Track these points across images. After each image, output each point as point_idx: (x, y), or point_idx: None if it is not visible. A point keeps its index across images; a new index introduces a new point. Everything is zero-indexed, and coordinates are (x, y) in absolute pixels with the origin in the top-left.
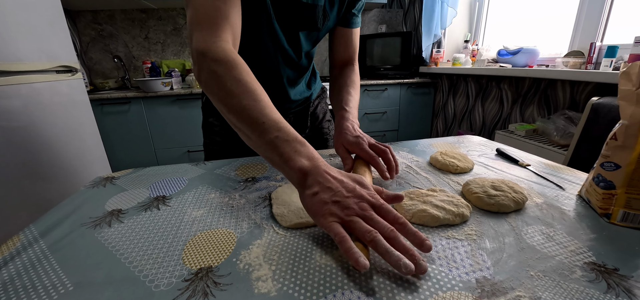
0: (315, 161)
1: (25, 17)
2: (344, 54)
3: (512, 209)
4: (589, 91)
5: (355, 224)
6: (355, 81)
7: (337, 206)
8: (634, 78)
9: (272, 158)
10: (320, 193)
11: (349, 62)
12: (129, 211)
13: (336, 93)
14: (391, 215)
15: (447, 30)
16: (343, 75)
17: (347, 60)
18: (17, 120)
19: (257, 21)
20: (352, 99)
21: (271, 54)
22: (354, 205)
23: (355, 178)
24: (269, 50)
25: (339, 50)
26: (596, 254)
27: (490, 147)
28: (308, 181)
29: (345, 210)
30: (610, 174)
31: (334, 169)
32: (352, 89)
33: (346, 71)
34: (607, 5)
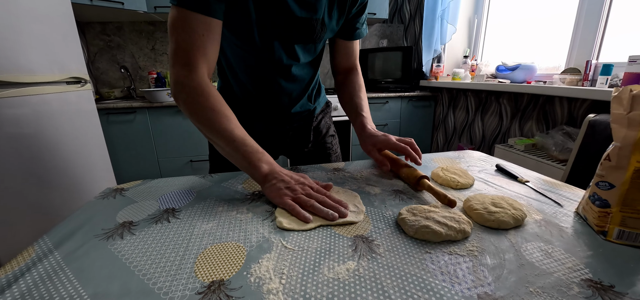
0: (272, 166)
1: (40, 29)
2: (346, 62)
3: (512, 226)
4: (586, 107)
5: (300, 198)
6: (362, 85)
7: (289, 190)
8: (624, 102)
9: (242, 164)
10: (277, 183)
11: (353, 68)
12: (140, 223)
13: (348, 100)
14: (321, 193)
15: (446, 46)
16: (350, 81)
17: (351, 66)
18: (27, 127)
19: (250, 36)
20: (365, 104)
21: (267, 67)
22: (299, 188)
23: (299, 175)
24: (265, 64)
25: (341, 60)
26: (593, 271)
27: (490, 163)
28: (268, 178)
29: (294, 192)
30: (605, 193)
31: (285, 170)
32: (362, 93)
33: (352, 77)
34: (601, 24)
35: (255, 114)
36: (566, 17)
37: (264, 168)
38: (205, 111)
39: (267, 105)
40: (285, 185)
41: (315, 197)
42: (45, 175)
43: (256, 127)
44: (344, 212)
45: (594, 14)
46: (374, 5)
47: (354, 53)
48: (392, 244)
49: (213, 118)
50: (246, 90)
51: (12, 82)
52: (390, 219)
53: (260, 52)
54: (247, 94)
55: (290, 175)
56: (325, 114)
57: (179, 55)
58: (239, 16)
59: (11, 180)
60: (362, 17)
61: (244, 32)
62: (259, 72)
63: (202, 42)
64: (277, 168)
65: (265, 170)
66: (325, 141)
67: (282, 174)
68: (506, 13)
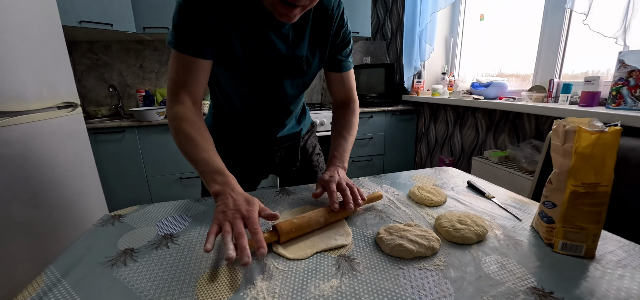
0: (225, 186)
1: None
2: (340, 94)
3: (475, 241)
4: (550, 123)
5: (224, 225)
6: (351, 121)
7: (222, 214)
8: (560, 135)
9: (204, 183)
10: (219, 206)
11: (347, 101)
12: (141, 250)
13: (333, 136)
14: (253, 225)
15: (426, 63)
16: (341, 117)
17: (345, 99)
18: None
19: (239, 71)
20: (344, 143)
21: (257, 97)
22: (230, 214)
23: (248, 199)
24: (255, 95)
25: (335, 92)
26: (538, 279)
27: (463, 179)
28: (217, 199)
29: (224, 216)
30: (550, 210)
31: (237, 192)
32: (347, 132)
33: (344, 112)
34: (561, 47)
35: (247, 139)
36: (532, 39)
37: (215, 188)
38: (179, 134)
39: (257, 130)
40: (222, 209)
41: (235, 229)
42: (33, 196)
43: (248, 150)
44: (245, 260)
45: (554, 38)
46: (356, 24)
47: (347, 85)
48: (370, 261)
49: (184, 141)
50: (238, 116)
51: (3, 112)
52: (370, 238)
53: (250, 84)
54: (239, 120)
55: (235, 199)
56: (311, 134)
57: (170, 89)
58: (227, 54)
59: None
60: (345, 50)
61: (234, 68)
62: (249, 101)
63: (187, 78)
64: (228, 189)
65: (216, 190)
66: (311, 159)
67: (229, 198)
68: (479, 32)
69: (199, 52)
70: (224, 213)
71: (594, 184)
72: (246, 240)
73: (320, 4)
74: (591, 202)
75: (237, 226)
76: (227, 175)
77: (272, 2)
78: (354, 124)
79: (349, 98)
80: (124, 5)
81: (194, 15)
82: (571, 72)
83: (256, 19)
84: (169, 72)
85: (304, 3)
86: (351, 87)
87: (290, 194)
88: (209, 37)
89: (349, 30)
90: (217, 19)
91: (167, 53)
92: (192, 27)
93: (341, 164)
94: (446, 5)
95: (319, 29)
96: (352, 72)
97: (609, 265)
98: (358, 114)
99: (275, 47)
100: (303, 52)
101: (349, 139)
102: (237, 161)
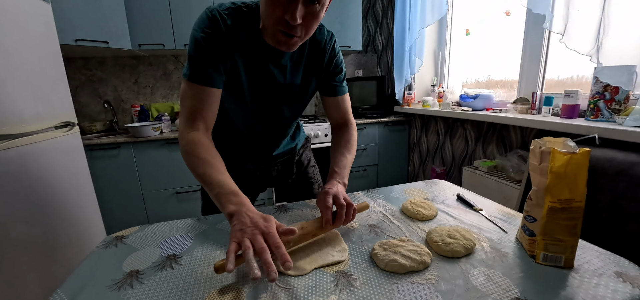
0: (240, 206)
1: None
2: (336, 116)
3: (464, 254)
4: (535, 134)
5: (243, 242)
6: (349, 140)
7: (240, 232)
8: (537, 155)
9: (217, 204)
10: (236, 225)
11: (344, 123)
12: (146, 272)
13: (333, 154)
14: (274, 240)
15: (416, 75)
16: (339, 135)
17: (341, 121)
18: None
19: (243, 98)
20: (344, 159)
21: (257, 120)
22: (249, 231)
23: (264, 217)
24: (255, 118)
25: (332, 115)
26: (521, 290)
27: (453, 192)
28: (233, 219)
29: (242, 234)
30: (531, 224)
31: (253, 211)
32: (346, 149)
33: (342, 132)
34: (542, 62)
35: (245, 156)
36: (515, 51)
37: (230, 208)
38: (192, 158)
39: (256, 148)
40: (240, 227)
41: (256, 245)
42: (31, 215)
43: (247, 167)
44: (272, 275)
45: (535, 53)
46: (348, 38)
47: (342, 108)
48: (367, 277)
49: (197, 164)
50: (238, 136)
51: (1, 135)
52: (366, 254)
53: (251, 109)
54: (238, 139)
55: (252, 215)
56: (306, 148)
57: (184, 116)
58: (234, 84)
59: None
60: (338, 77)
61: (239, 95)
62: (249, 123)
63: (202, 107)
64: (243, 209)
65: (231, 210)
66: (307, 172)
67: (246, 216)
68: (465, 46)
69: (213, 83)
70: (242, 230)
71: (569, 200)
72: (270, 255)
73: (314, 38)
74: (567, 216)
75: (258, 241)
76: (242, 196)
77: (273, 32)
78: (353, 143)
79: (345, 120)
80: (119, 23)
81: (209, 49)
82: (557, 77)
83: (259, 53)
84: (183, 101)
85: (300, 34)
86: (347, 110)
87: (289, 211)
88: (219, 68)
89: (341, 59)
90: (228, 52)
91: (163, 68)
92: (208, 61)
93: (341, 180)
94: (433, 21)
95: (314, 60)
96: (347, 96)
97: (586, 275)
98: (356, 135)
99: (275, 78)
100: (299, 80)
101: (348, 157)
102: (236, 176)
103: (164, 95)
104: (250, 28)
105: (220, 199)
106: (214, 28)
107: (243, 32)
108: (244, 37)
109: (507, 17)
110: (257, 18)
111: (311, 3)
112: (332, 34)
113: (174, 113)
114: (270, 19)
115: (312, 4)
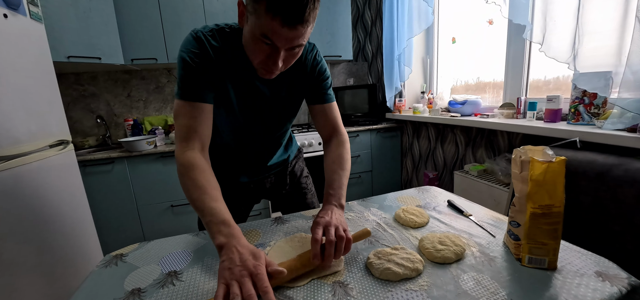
0: (230, 239)
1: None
2: (325, 126)
3: (454, 260)
4: (521, 138)
5: (232, 287)
6: (341, 154)
7: (228, 271)
8: (518, 164)
9: (208, 232)
10: (225, 261)
11: (333, 134)
12: (147, 289)
13: (326, 172)
14: (262, 284)
15: (406, 83)
16: (330, 151)
17: (331, 131)
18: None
19: (233, 112)
20: (338, 178)
21: (248, 136)
22: (237, 272)
23: (254, 253)
24: (246, 130)
25: (321, 126)
26: (508, 292)
27: (444, 198)
28: (221, 252)
29: (231, 274)
30: (516, 229)
31: (243, 245)
32: (339, 167)
33: (333, 146)
34: (525, 68)
35: (239, 169)
36: (500, 59)
37: (220, 240)
38: (187, 181)
39: (249, 160)
40: (228, 265)
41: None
42: (26, 235)
43: (241, 179)
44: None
45: (518, 60)
46: (338, 48)
47: (330, 116)
48: (363, 286)
49: (192, 188)
50: (231, 149)
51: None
52: (361, 263)
53: (242, 122)
54: (232, 152)
55: (241, 251)
56: (298, 159)
57: (179, 135)
58: (223, 99)
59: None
60: (324, 83)
61: (228, 109)
62: (241, 136)
63: (196, 123)
64: (233, 242)
65: (221, 242)
66: (300, 182)
67: (235, 252)
68: (452, 53)
69: (202, 98)
70: (230, 270)
71: (549, 206)
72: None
73: None
74: (548, 221)
75: (247, 288)
76: (233, 226)
77: (257, 65)
78: (346, 157)
79: (335, 130)
80: (112, 39)
81: (199, 68)
82: (544, 78)
83: (245, 70)
84: (177, 119)
85: (281, 69)
86: (335, 118)
87: (285, 223)
88: (209, 84)
89: (325, 66)
90: (215, 70)
91: (155, 81)
92: (198, 78)
93: (337, 202)
94: (420, 31)
95: (296, 74)
96: (334, 104)
97: (569, 275)
98: (348, 146)
99: (261, 92)
100: (284, 93)
101: (343, 174)
102: (231, 189)
103: (157, 108)
104: (235, 48)
105: (211, 227)
106: (200, 48)
107: (229, 51)
108: (230, 55)
109: (490, 26)
110: (240, 38)
111: (291, 49)
112: (313, 45)
113: (167, 126)
114: (253, 60)
115: (293, 49)
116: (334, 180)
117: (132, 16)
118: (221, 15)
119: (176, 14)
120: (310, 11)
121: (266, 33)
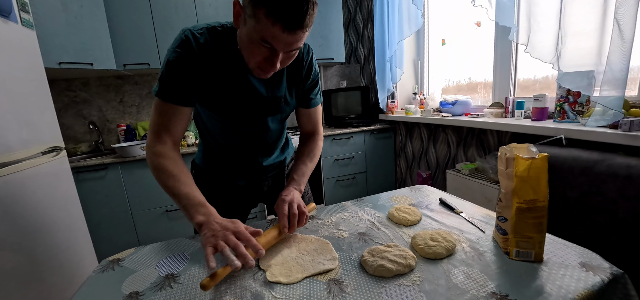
0: (208, 216)
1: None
2: (307, 126)
3: (445, 256)
4: (510, 136)
5: (218, 243)
6: (313, 149)
7: (212, 237)
8: (503, 161)
9: (186, 216)
10: (206, 232)
11: (312, 133)
12: (145, 293)
13: (295, 161)
14: (244, 235)
15: (398, 84)
16: (304, 145)
17: (311, 131)
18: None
19: (227, 113)
20: (304, 167)
21: (243, 133)
22: (221, 234)
23: (232, 221)
24: (241, 131)
25: (303, 124)
26: (497, 285)
27: (436, 196)
28: (203, 228)
29: (215, 238)
30: (503, 224)
31: (220, 219)
32: (308, 159)
33: (308, 141)
34: (513, 69)
35: (236, 172)
36: (489, 59)
37: (199, 219)
38: (159, 171)
39: (245, 163)
40: (211, 233)
41: (229, 242)
42: (19, 243)
43: (238, 183)
44: (249, 262)
45: (506, 61)
46: (331, 51)
47: (313, 118)
48: (357, 282)
49: (165, 177)
50: (226, 151)
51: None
52: (356, 261)
53: (236, 123)
54: (227, 155)
55: (221, 222)
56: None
57: (151, 130)
58: (213, 100)
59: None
60: (314, 89)
61: (220, 110)
62: (236, 137)
63: (169, 122)
64: (211, 218)
65: (200, 220)
66: None
67: (214, 224)
68: (443, 54)
69: (178, 100)
70: (214, 236)
71: (534, 200)
72: (243, 248)
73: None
74: (533, 215)
75: (231, 239)
76: (209, 207)
77: (253, 65)
78: (316, 153)
79: (314, 130)
80: (104, 44)
81: (179, 70)
82: (533, 77)
83: (237, 67)
84: (152, 115)
85: (277, 69)
86: (317, 121)
87: None
88: (192, 88)
89: (317, 72)
90: (202, 71)
91: (148, 86)
92: (177, 81)
93: (297, 187)
94: (411, 33)
95: (293, 73)
96: (319, 107)
97: (554, 267)
98: (321, 144)
99: (257, 91)
100: (281, 92)
101: (309, 165)
102: (228, 194)
103: (150, 113)
104: (227, 46)
105: (188, 210)
106: (185, 48)
107: (221, 50)
108: (222, 54)
109: (478, 27)
110: (234, 38)
111: (290, 51)
112: (309, 47)
113: None
114: (250, 60)
115: (291, 52)
116: (300, 168)
117: (124, 21)
118: (213, 19)
119: (168, 19)
120: (309, 16)
121: (266, 37)
